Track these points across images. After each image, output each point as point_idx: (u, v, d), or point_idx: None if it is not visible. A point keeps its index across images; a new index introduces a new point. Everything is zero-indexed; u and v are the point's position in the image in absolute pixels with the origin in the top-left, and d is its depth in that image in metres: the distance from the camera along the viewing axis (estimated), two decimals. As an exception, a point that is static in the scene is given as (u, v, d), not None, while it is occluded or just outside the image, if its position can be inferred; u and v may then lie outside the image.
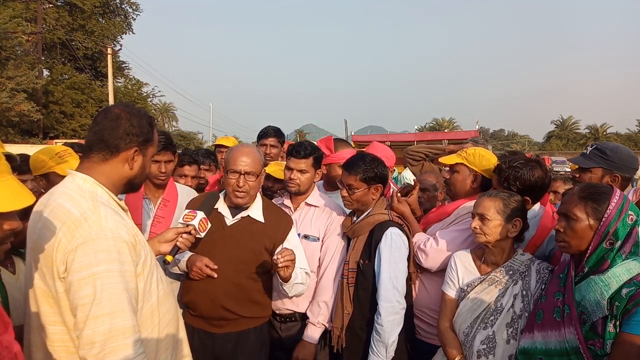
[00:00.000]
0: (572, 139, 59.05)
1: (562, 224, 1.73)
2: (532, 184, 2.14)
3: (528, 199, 2.14)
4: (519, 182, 2.12)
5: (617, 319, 1.55)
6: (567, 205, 1.73)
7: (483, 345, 1.92)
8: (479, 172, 2.36)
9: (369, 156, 2.33)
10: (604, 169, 2.21)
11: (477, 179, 2.37)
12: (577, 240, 1.69)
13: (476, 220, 2.03)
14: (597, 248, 1.65)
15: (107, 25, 30.90)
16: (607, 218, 1.63)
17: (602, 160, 2.22)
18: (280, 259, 1.99)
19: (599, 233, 1.64)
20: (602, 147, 2.26)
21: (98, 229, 1.38)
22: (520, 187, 2.13)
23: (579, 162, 2.31)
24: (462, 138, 15.52)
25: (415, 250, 2.36)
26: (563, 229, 1.72)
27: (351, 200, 2.31)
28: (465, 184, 2.39)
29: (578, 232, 1.68)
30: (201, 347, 2.24)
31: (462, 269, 2.11)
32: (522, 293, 1.94)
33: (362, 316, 2.25)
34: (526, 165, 2.15)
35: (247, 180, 2.20)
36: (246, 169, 2.20)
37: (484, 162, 2.35)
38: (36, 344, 1.47)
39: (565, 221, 1.73)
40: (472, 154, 2.38)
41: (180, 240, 1.97)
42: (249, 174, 2.21)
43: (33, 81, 21.45)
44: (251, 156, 2.24)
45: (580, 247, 1.69)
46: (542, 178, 2.16)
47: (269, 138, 3.69)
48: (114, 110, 1.56)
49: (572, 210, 1.69)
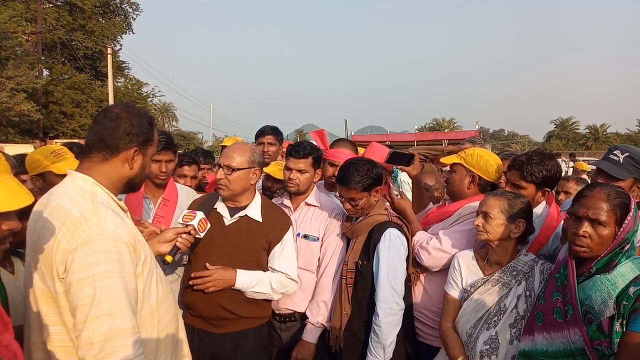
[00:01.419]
0: (572, 139, 59.05)
1: (588, 230, 1.65)
2: (553, 175, 2.23)
3: (548, 189, 2.24)
4: (543, 173, 2.20)
5: (624, 318, 1.55)
6: (597, 211, 1.64)
7: (486, 345, 1.92)
8: (476, 173, 2.36)
9: (361, 163, 2.27)
10: (635, 178, 2.14)
11: (474, 180, 2.37)
12: (600, 246, 1.65)
13: (480, 217, 2.03)
14: (611, 252, 1.64)
15: (107, 25, 30.88)
16: (627, 225, 1.62)
17: (636, 170, 2.14)
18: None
19: (617, 239, 1.63)
20: (636, 157, 2.15)
21: (98, 229, 1.38)
22: (542, 178, 2.20)
23: (612, 171, 2.16)
24: (462, 138, 15.51)
25: (417, 248, 2.35)
26: (589, 235, 1.66)
27: (356, 211, 2.30)
28: (463, 184, 2.39)
29: (604, 239, 1.64)
30: (201, 347, 2.24)
31: (466, 269, 2.10)
32: (525, 294, 1.94)
33: (360, 317, 2.25)
34: (544, 157, 2.24)
35: (225, 174, 2.21)
36: (226, 162, 2.21)
37: (481, 163, 2.34)
38: (36, 344, 1.47)
39: (591, 227, 1.66)
40: (470, 155, 2.38)
41: (180, 240, 1.98)
42: (227, 167, 2.21)
43: (33, 81, 21.44)
44: (237, 152, 2.24)
45: (599, 252, 1.66)
46: (558, 166, 2.27)
47: (266, 136, 3.71)
48: (113, 110, 1.55)
49: (603, 217, 1.64)
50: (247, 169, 2.25)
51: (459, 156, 2.42)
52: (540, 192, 2.27)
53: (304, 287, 2.45)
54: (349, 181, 2.22)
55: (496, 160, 2.38)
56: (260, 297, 2.28)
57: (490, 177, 2.36)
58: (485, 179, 2.36)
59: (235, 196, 2.29)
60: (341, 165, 2.35)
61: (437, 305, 2.32)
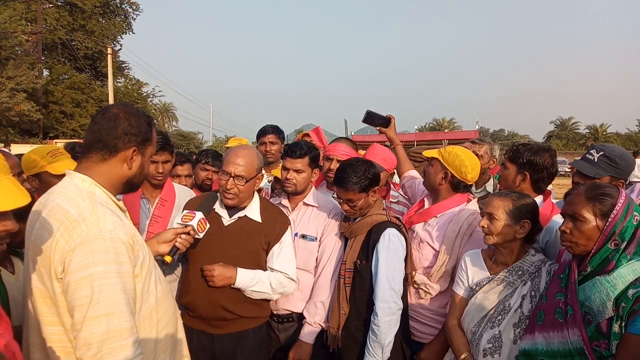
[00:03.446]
0: (571, 139, 59.04)
1: (568, 225, 1.71)
2: (539, 164, 2.24)
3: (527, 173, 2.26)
4: (528, 156, 2.23)
5: (622, 320, 1.55)
6: (574, 206, 1.71)
7: (489, 344, 1.92)
8: (449, 170, 2.36)
9: (358, 164, 2.28)
10: (612, 177, 2.16)
11: (446, 177, 2.38)
12: (584, 240, 1.67)
13: (484, 219, 2.03)
14: (601, 248, 1.64)
15: (107, 25, 30.90)
16: (613, 218, 1.62)
17: (612, 168, 2.16)
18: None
19: (604, 233, 1.63)
20: (611, 156, 2.18)
21: (96, 229, 1.38)
22: (526, 161, 2.23)
23: (586, 170, 2.20)
24: (462, 138, 15.50)
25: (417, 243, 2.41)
26: (569, 230, 1.70)
27: (354, 212, 2.30)
28: (435, 179, 2.41)
29: (585, 233, 1.66)
30: (200, 348, 2.24)
31: (472, 268, 2.11)
32: (530, 294, 1.93)
33: (358, 316, 2.25)
34: (540, 148, 2.29)
35: (236, 184, 2.19)
36: (237, 172, 2.19)
37: (456, 162, 2.34)
38: (34, 344, 1.47)
39: (571, 222, 1.71)
40: (448, 152, 2.39)
41: (179, 240, 1.97)
42: (238, 178, 2.19)
43: (33, 81, 21.45)
44: (245, 160, 2.21)
45: (587, 247, 1.68)
46: (551, 160, 2.28)
47: (268, 135, 3.69)
48: (112, 110, 1.55)
49: (579, 211, 1.68)
50: (255, 177, 2.26)
51: (439, 151, 2.44)
52: (521, 176, 2.28)
53: (301, 287, 2.44)
54: (346, 183, 2.22)
55: (472, 162, 2.37)
56: (259, 296, 2.27)
57: (462, 176, 2.35)
58: (457, 178, 2.36)
59: (241, 204, 2.29)
60: (338, 167, 2.36)
61: (432, 304, 2.33)
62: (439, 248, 2.33)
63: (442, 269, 2.29)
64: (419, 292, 2.36)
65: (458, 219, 2.32)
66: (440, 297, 2.34)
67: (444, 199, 2.42)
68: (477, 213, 2.30)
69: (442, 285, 2.32)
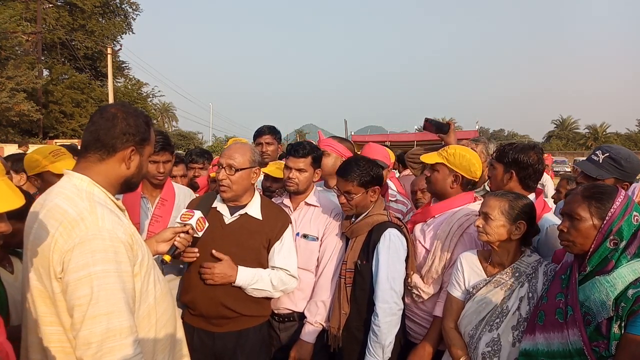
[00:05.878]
0: (571, 139, 59.06)
1: (565, 224, 1.72)
2: (524, 162, 2.23)
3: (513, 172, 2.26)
4: (513, 155, 2.23)
5: (622, 320, 1.54)
6: (571, 205, 1.72)
7: (488, 347, 1.91)
8: (459, 173, 2.33)
9: (363, 159, 2.31)
10: (617, 179, 2.14)
11: (457, 179, 2.34)
12: (581, 239, 1.67)
13: (480, 219, 2.02)
14: (599, 247, 1.64)
15: (107, 25, 30.92)
16: (610, 217, 1.62)
17: (616, 170, 2.15)
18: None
19: (601, 232, 1.63)
20: (616, 157, 2.16)
21: (95, 229, 1.37)
22: (512, 160, 2.24)
23: (590, 171, 2.20)
24: (462, 138, 15.47)
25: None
26: (567, 229, 1.71)
27: (350, 206, 2.30)
28: (446, 184, 2.36)
29: (582, 232, 1.67)
30: (201, 346, 2.24)
31: (468, 270, 2.09)
32: (528, 295, 1.92)
33: (359, 316, 2.25)
34: (525, 146, 2.28)
35: (227, 175, 2.21)
36: (227, 162, 2.21)
37: (464, 163, 2.31)
38: (33, 345, 1.47)
39: (569, 221, 1.71)
40: (452, 154, 2.34)
41: (178, 239, 1.98)
42: (229, 167, 2.21)
43: (33, 81, 21.47)
44: (238, 151, 2.24)
45: (584, 246, 1.68)
46: (537, 157, 2.27)
47: (264, 136, 3.75)
48: (110, 110, 1.55)
49: (576, 210, 1.68)
50: (248, 168, 2.25)
51: (441, 155, 2.38)
52: (507, 175, 2.29)
53: (302, 286, 2.44)
54: (347, 173, 2.26)
55: (477, 158, 2.36)
56: (260, 294, 2.27)
57: (472, 175, 2.35)
58: (467, 178, 2.35)
59: (237, 197, 2.29)
60: (343, 161, 2.41)
61: (425, 304, 2.32)
62: (429, 248, 2.33)
63: (432, 269, 2.27)
64: (412, 295, 2.36)
65: (451, 220, 2.30)
66: (433, 298, 2.33)
67: (446, 198, 2.41)
68: (472, 214, 2.27)
69: (435, 288, 2.30)
